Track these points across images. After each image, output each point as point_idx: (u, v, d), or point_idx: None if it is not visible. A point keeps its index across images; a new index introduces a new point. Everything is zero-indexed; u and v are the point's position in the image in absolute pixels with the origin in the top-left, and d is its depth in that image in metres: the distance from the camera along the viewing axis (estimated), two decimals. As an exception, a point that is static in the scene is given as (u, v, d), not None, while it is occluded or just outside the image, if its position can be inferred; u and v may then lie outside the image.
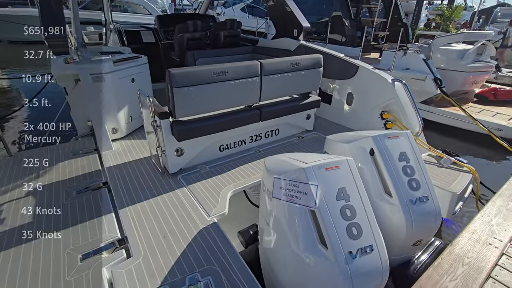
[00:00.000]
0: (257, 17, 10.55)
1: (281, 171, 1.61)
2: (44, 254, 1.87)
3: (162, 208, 2.30)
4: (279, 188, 1.58)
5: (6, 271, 1.75)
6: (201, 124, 2.65)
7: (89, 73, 3.01)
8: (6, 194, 2.48)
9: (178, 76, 2.35)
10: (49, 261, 1.82)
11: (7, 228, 2.10)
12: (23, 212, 2.26)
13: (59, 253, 1.87)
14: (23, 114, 6.33)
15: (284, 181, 1.55)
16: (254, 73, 2.79)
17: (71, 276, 1.70)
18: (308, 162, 1.56)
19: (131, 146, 3.35)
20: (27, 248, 1.92)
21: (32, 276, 1.71)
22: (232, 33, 5.07)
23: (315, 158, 1.65)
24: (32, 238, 2.01)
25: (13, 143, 5.18)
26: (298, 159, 1.66)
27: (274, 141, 3.43)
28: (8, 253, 1.88)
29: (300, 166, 1.52)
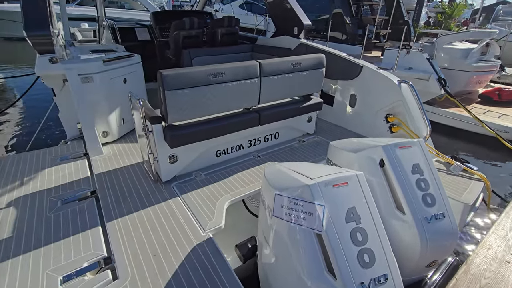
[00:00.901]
0: (256, 14, 10.33)
1: (283, 186, 1.44)
2: (21, 276, 1.69)
3: (153, 221, 2.13)
4: (280, 206, 1.41)
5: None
6: (196, 129, 2.47)
7: (77, 73, 2.82)
8: None
9: (170, 78, 2.17)
10: (26, 285, 1.64)
11: None
12: (2, 226, 2.08)
13: (37, 275, 1.70)
14: (10, 115, 6.12)
15: (286, 199, 1.39)
16: (253, 74, 2.61)
17: None
18: (313, 177, 1.40)
19: (122, 151, 3.17)
20: (2, 269, 1.75)
21: None
22: (230, 30, 4.87)
23: (320, 171, 1.48)
24: (10, 256, 1.83)
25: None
26: (301, 172, 1.50)
27: (274, 145, 3.26)
28: None
29: (305, 182, 1.35)
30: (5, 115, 5.87)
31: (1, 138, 5.19)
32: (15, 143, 4.95)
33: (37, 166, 2.84)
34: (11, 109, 5.97)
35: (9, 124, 5.71)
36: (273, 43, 4.74)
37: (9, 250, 1.88)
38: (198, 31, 4.62)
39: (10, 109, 5.87)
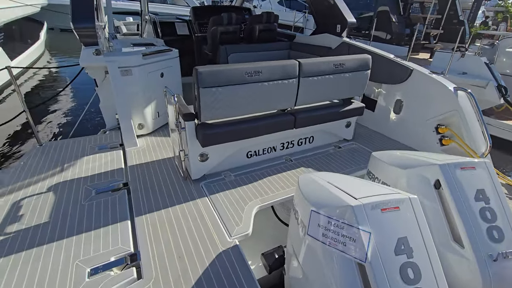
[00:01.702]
0: (295, 11, 10.05)
1: (321, 203, 1.29)
2: (53, 263, 1.74)
3: (181, 221, 2.09)
4: (316, 225, 1.27)
5: (13, 279, 1.63)
6: (229, 129, 2.39)
7: (118, 66, 2.88)
8: (29, 187, 2.43)
9: (205, 75, 2.10)
10: (56, 272, 1.68)
11: (23, 227, 2.02)
12: (41, 210, 2.17)
13: (68, 264, 1.73)
14: (57, 102, 6.58)
15: (324, 218, 1.24)
16: (292, 74, 2.46)
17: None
18: (357, 196, 1.23)
19: (155, 144, 3.21)
20: (37, 253, 1.81)
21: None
22: (268, 27, 4.73)
23: (365, 190, 1.30)
24: (45, 242, 1.90)
25: (44, 132, 5.37)
26: (342, 188, 1.33)
27: (308, 149, 3.08)
28: (18, 257, 1.78)
29: (347, 202, 1.19)
30: (52, 102, 6.33)
31: (48, 124, 5.61)
32: (60, 129, 5.32)
33: (77, 153, 2.96)
34: (58, 97, 6.42)
35: (56, 111, 6.15)
36: (312, 41, 4.52)
37: (45, 234, 1.95)
38: (235, 27, 4.54)
39: (58, 97, 6.31)
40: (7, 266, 1.72)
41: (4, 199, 2.28)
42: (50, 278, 1.65)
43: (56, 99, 6.39)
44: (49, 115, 5.91)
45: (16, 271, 1.69)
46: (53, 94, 5.75)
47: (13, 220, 2.08)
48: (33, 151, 3.01)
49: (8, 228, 2.01)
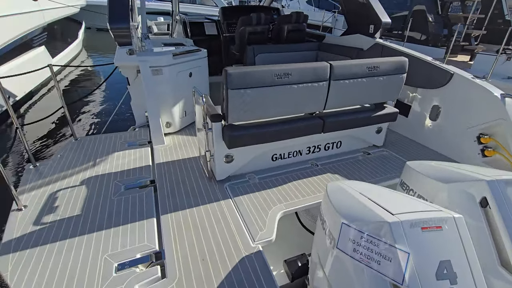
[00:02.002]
0: (324, 10, 9.83)
1: (353, 216, 1.22)
2: (83, 255, 1.81)
3: (205, 222, 2.09)
4: (347, 239, 1.20)
5: (47, 268, 1.72)
6: (255, 131, 2.36)
7: (149, 65, 2.95)
8: (64, 180, 2.57)
9: (235, 77, 2.08)
10: (86, 265, 1.75)
11: (58, 218, 2.13)
12: (75, 202, 2.28)
13: (97, 257, 1.79)
14: (92, 99, 6.93)
15: (356, 232, 1.16)
16: (322, 76, 2.38)
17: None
18: (394, 211, 1.14)
19: (182, 143, 3.26)
20: (70, 244, 1.89)
21: (68, 281, 1.65)
22: (297, 27, 4.65)
23: (402, 204, 1.21)
24: (77, 233, 1.98)
25: (79, 127, 5.67)
26: (376, 201, 1.25)
27: (335, 154, 2.98)
28: (53, 247, 1.87)
29: (383, 217, 1.11)
30: (88, 99, 6.69)
31: (83, 119, 5.93)
32: (93, 124, 5.62)
33: (108, 149, 3.08)
34: (93, 94, 6.78)
35: (91, 107, 6.50)
36: (342, 42, 4.37)
37: (78, 226, 2.04)
38: (264, 27, 4.51)
39: (93, 94, 6.66)
40: (42, 255, 1.81)
41: (43, 190, 2.42)
42: (81, 270, 1.71)
43: (91, 96, 6.75)
44: (84, 111, 6.26)
45: (50, 260, 1.78)
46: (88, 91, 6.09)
47: (49, 211, 2.19)
48: (69, 145, 3.17)
49: (45, 218, 2.12)
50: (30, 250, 1.86)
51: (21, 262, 1.77)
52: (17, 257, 1.80)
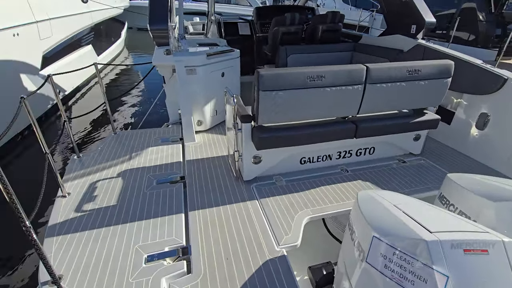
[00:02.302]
0: (361, 9, 9.44)
1: (386, 230, 1.15)
2: (117, 244, 1.92)
3: (230, 221, 2.12)
4: (378, 254, 1.14)
5: (84, 254, 1.85)
6: (285, 134, 2.34)
7: (184, 65, 3.05)
8: (103, 171, 2.75)
9: (266, 78, 2.07)
10: (119, 253, 1.85)
11: (96, 207, 2.28)
12: (112, 193, 2.43)
13: (129, 247, 1.90)
14: (131, 96, 7.35)
15: (388, 248, 1.10)
16: (358, 79, 2.28)
17: (133, 278, 1.67)
18: (432, 228, 1.06)
19: (212, 141, 3.33)
20: (106, 233, 2.02)
21: (102, 266, 1.76)
22: (332, 27, 4.52)
23: (442, 221, 1.12)
24: (112, 223, 2.11)
25: (118, 121, 6.03)
26: (413, 216, 1.17)
27: (367, 161, 2.85)
28: (90, 234, 2.01)
29: (420, 234, 1.04)
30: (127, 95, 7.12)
31: (123, 114, 6.32)
32: (131, 119, 5.97)
33: (144, 143, 3.24)
34: (132, 91, 7.20)
35: (129, 103, 6.91)
36: (380, 43, 4.17)
37: (113, 216, 2.18)
38: (298, 27, 4.45)
39: (132, 91, 7.07)
40: (81, 240, 1.95)
41: (84, 179, 2.61)
42: (114, 257, 1.82)
43: (130, 93, 7.19)
44: (123, 107, 6.67)
45: (88, 246, 1.91)
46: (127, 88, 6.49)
47: (89, 200, 2.36)
48: (109, 139, 3.39)
49: (85, 206, 2.29)
50: (71, 235, 2.01)
51: (63, 245, 1.92)
52: (60, 240, 1.96)
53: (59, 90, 6.53)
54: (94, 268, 1.75)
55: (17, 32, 5.06)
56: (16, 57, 5.06)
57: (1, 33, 4.69)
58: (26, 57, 5.37)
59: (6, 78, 4.82)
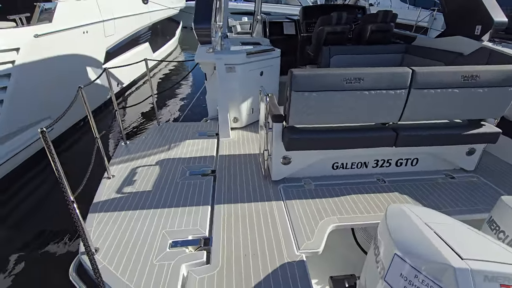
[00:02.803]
0: (420, 8, 8.66)
1: (410, 249, 1.05)
2: (147, 227, 2.07)
3: (253, 218, 2.13)
4: (398, 274, 1.04)
5: (119, 231, 2.03)
6: (317, 136, 2.27)
7: (224, 63, 3.14)
8: (144, 159, 2.97)
9: (299, 79, 2.03)
10: (148, 235, 1.99)
11: (134, 190, 2.48)
12: (149, 179, 2.62)
13: (157, 231, 2.03)
14: (175, 90, 7.81)
15: (410, 269, 1.00)
16: (401, 83, 2.11)
17: (157, 261, 1.78)
18: (464, 254, 0.94)
19: (246, 138, 3.38)
20: (139, 215, 2.19)
21: (132, 245, 1.91)
22: (382, 27, 4.23)
23: (480, 247, 0.99)
24: (145, 207, 2.27)
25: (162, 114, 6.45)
26: (445, 237, 1.04)
27: (408, 173, 2.63)
28: (126, 214, 2.20)
29: (448, 259, 0.92)
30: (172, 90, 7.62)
31: (168, 107, 6.77)
32: (174, 113, 6.38)
33: (183, 136, 3.43)
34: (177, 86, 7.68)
35: (174, 97, 7.37)
36: (437, 45, 3.78)
37: (147, 201, 2.34)
38: (344, 27, 4.26)
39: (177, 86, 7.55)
40: (118, 219, 2.14)
41: (127, 165, 2.86)
42: (143, 238, 1.96)
43: (175, 88, 7.68)
44: (169, 100, 7.15)
45: (123, 224, 2.09)
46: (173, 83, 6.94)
47: (129, 183, 2.58)
48: (152, 129, 3.65)
49: (125, 189, 2.50)
50: (110, 213, 2.22)
51: (102, 222, 2.13)
52: (100, 217, 2.18)
53: (118, 83, 7.23)
54: (125, 246, 1.91)
55: (87, 30, 5.72)
56: (84, 52, 5.73)
57: (74, 31, 5.36)
58: (92, 52, 6.04)
59: (74, 70, 5.50)
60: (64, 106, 2.05)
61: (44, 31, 4.56)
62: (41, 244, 3.14)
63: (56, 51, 4.91)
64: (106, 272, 1.71)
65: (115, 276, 1.69)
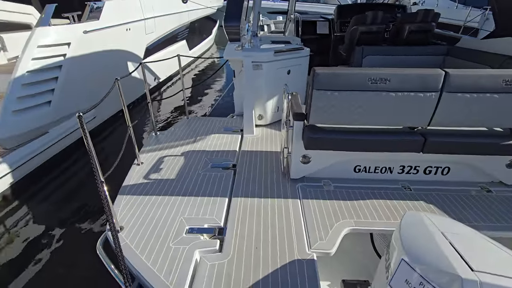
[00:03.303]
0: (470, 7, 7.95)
1: (418, 255, 1.01)
2: (168, 212, 2.19)
3: (268, 214, 2.16)
4: (403, 280, 1.01)
5: (142, 214, 2.17)
6: (338, 137, 2.22)
7: (251, 60, 3.19)
8: (171, 149, 3.14)
9: (321, 77, 2.00)
10: (167, 220, 2.10)
11: (159, 177, 2.63)
12: (174, 168, 2.77)
13: (176, 216, 2.14)
14: (205, 85, 8.05)
15: (416, 276, 0.96)
16: (432, 86, 1.99)
17: (173, 244, 1.89)
18: (476, 266, 0.88)
19: (269, 136, 3.41)
20: (162, 200, 2.32)
21: (153, 227, 2.04)
22: (422, 27, 3.98)
23: (496, 261, 0.92)
24: (168, 193, 2.41)
25: (192, 107, 6.69)
26: (459, 248, 0.99)
27: (438, 182, 2.47)
28: (150, 199, 2.34)
29: (457, 269, 0.88)
30: (202, 85, 7.87)
31: (198, 102, 7.02)
32: (202, 107, 6.61)
33: (209, 130, 3.56)
34: (207, 81, 7.92)
35: (204, 92, 7.62)
36: (484, 47, 3.48)
37: (170, 187, 2.48)
38: (380, 26, 4.08)
39: (207, 81, 7.80)
40: (142, 202, 2.30)
41: (155, 154, 3.04)
42: (163, 222, 2.08)
43: (206, 84, 7.94)
44: (199, 96, 7.42)
45: (146, 208, 2.23)
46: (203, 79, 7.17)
47: (155, 171, 2.74)
48: (182, 122, 3.83)
49: (151, 175, 2.67)
50: (136, 196, 2.38)
51: (129, 203, 2.30)
52: (128, 199, 2.35)
53: (155, 77, 7.66)
54: (146, 227, 2.04)
55: (130, 27, 6.14)
56: (126, 48, 6.16)
57: (118, 28, 5.78)
58: (133, 48, 6.47)
59: (117, 64, 5.93)
60: (108, 98, 2.25)
61: (92, 27, 4.99)
62: (79, 219, 3.46)
63: (102, 46, 5.34)
64: (127, 249, 1.85)
65: (135, 254, 1.83)
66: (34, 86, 4.11)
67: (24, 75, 3.93)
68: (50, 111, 4.35)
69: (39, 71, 4.13)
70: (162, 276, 1.66)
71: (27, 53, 3.98)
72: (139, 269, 1.71)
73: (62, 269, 2.88)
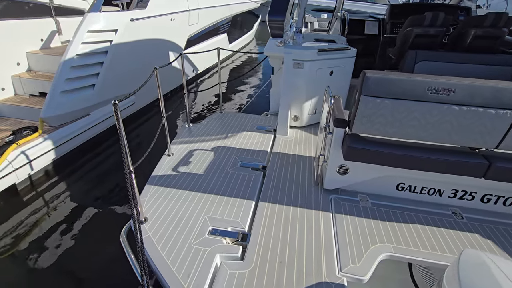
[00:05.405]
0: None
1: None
2: (192, 209, 2.13)
3: (296, 225, 2.00)
4: None
5: (168, 205, 2.13)
6: (383, 150, 1.99)
7: (292, 58, 3.02)
8: (202, 143, 3.09)
9: (372, 82, 1.78)
10: (191, 217, 2.05)
11: (188, 170, 2.60)
12: (203, 162, 2.72)
13: (201, 214, 2.07)
14: (242, 80, 7.97)
15: None
16: (508, 102, 1.68)
17: (195, 244, 1.82)
18: None
19: (303, 139, 3.23)
20: (188, 195, 2.28)
21: (176, 223, 1.99)
22: (490, 33, 3.50)
23: None
24: (195, 189, 2.36)
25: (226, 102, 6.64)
26: None
27: (497, 213, 2.13)
28: (177, 192, 2.31)
29: None
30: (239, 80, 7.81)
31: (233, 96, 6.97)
32: (237, 102, 6.55)
33: (241, 126, 3.47)
34: (244, 76, 7.85)
35: (240, 88, 7.54)
36: None
37: (198, 183, 2.43)
38: (439, 29, 3.66)
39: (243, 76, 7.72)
40: (168, 195, 2.26)
41: (186, 146, 3.01)
42: (187, 219, 2.03)
43: (243, 79, 7.87)
44: (234, 90, 7.37)
45: (172, 202, 2.19)
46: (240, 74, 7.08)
47: (185, 164, 2.71)
48: (215, 116, 3.79)
49: (180, 168, 2.64)
50: (163, 188, 2.36)
51: (155, 194, 2.28)
52: (155, 190, 2.34)
53: (193, 69, 7.76)
54: (170, 222, 2.00)
55: (174, 17, 6.23)
56: (169, 38, 6.27)
57: (163, 17, 5.89)
58: (176, 38, 6.57)
59: (159, 53, 6.08)
60: (148, 85, 2.24)
61: (139, 16, 5.13)
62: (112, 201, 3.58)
63: (146, 34, 5.48)
64: (149, 243, 1.82)
65: (156, 249, 1.78)
66: (81, 69, 4.31)
67: (73, 58, 4.13)
68: (93, 94, 4.56)
69: (87, 55, 4.33)
70: (180, 277, 1.59)
71: (77, 37, 4.18)
72: (158, 266, 1.67)
73: (93, 246, 2.96)
